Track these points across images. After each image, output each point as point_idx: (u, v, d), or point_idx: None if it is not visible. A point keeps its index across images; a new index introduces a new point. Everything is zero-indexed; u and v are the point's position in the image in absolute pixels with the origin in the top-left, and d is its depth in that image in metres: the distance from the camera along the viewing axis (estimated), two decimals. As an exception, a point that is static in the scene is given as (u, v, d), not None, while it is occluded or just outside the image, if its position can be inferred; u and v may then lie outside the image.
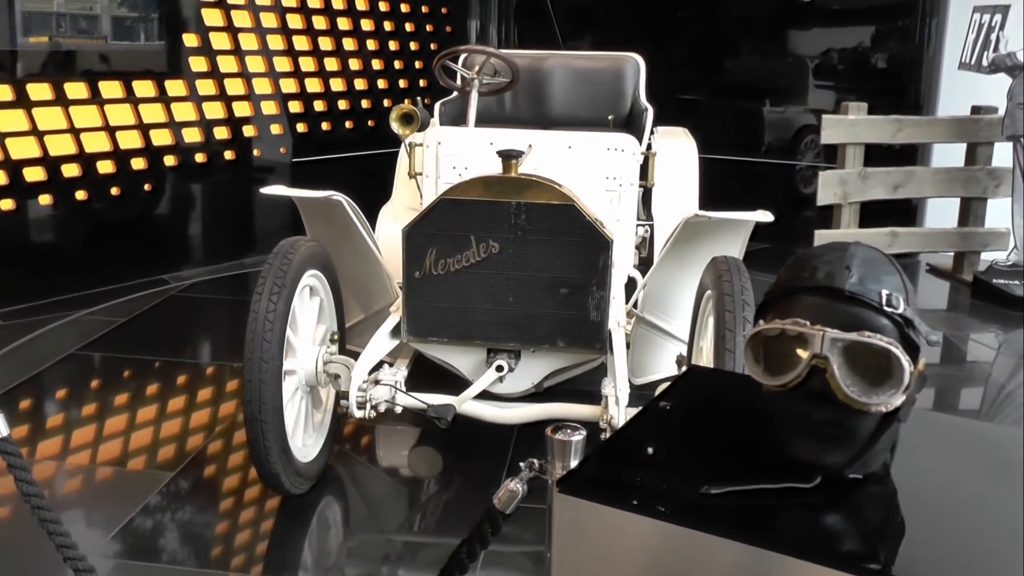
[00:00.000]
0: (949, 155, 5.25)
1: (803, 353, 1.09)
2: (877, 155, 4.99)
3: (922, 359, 1.17)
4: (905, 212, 5.44)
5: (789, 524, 1.06)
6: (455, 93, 3.72)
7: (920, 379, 1.17)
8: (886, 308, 1.12)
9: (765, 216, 2.64)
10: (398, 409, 2.56)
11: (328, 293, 2.68)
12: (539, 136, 2.97)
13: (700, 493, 1.05)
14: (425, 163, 2.97)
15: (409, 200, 3.41)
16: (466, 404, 2.54)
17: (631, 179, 2.96)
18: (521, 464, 1.27)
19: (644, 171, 3.06)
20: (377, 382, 2.52)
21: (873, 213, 4.97)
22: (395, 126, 2.94)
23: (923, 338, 1.15)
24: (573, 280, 2.47)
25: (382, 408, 2.52)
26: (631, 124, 3.81)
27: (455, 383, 2.68)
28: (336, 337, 2.67)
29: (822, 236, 4.71)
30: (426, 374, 2.82)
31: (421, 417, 2.65)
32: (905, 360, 1.09)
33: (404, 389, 2.58)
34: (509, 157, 2.47)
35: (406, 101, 2.99)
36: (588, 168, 2.88)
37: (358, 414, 2.48)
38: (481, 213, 2.44)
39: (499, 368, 2.54)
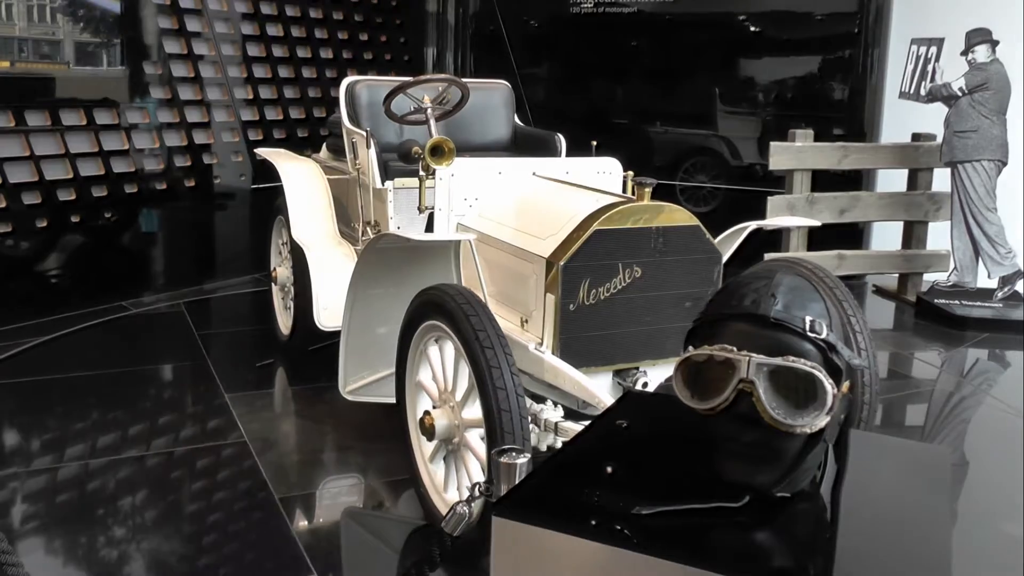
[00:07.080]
0: (893, 180, 5.43)
1: (730, 378, 1.14)
2: (824, 180, 5.14)
3: (845, 382, 1.24)
4: (851, 235, 5.59)
5: (720, 543, 1.10)
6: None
7: (844, 401, 1.24)
8: (810, 334, 1.17)
9: (812, 222, 3.37)
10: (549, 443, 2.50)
11: None
12: (540, 163, 3.16)
13: (631, 514, 1.09)
14: (437, 196, 3.00)
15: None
16: None
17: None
18: (467, 487, 1.30)
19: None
20: (537, 422, 2.47)
21: (821, 236, 5.11)
22: (428, 160, 2.87)
23: (845, 362, 1.22)
24: (695, 293, 2.65)
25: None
26: (517, 148, 3.95)
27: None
28: None
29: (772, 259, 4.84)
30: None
31: None
32: (828, 383, 1.15)
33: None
34: (643, 185, 2.60)
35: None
36: (584, 190, 2.99)
37: None
38: (628, 240, 2.57)
39: (644, 385, 2.64)
